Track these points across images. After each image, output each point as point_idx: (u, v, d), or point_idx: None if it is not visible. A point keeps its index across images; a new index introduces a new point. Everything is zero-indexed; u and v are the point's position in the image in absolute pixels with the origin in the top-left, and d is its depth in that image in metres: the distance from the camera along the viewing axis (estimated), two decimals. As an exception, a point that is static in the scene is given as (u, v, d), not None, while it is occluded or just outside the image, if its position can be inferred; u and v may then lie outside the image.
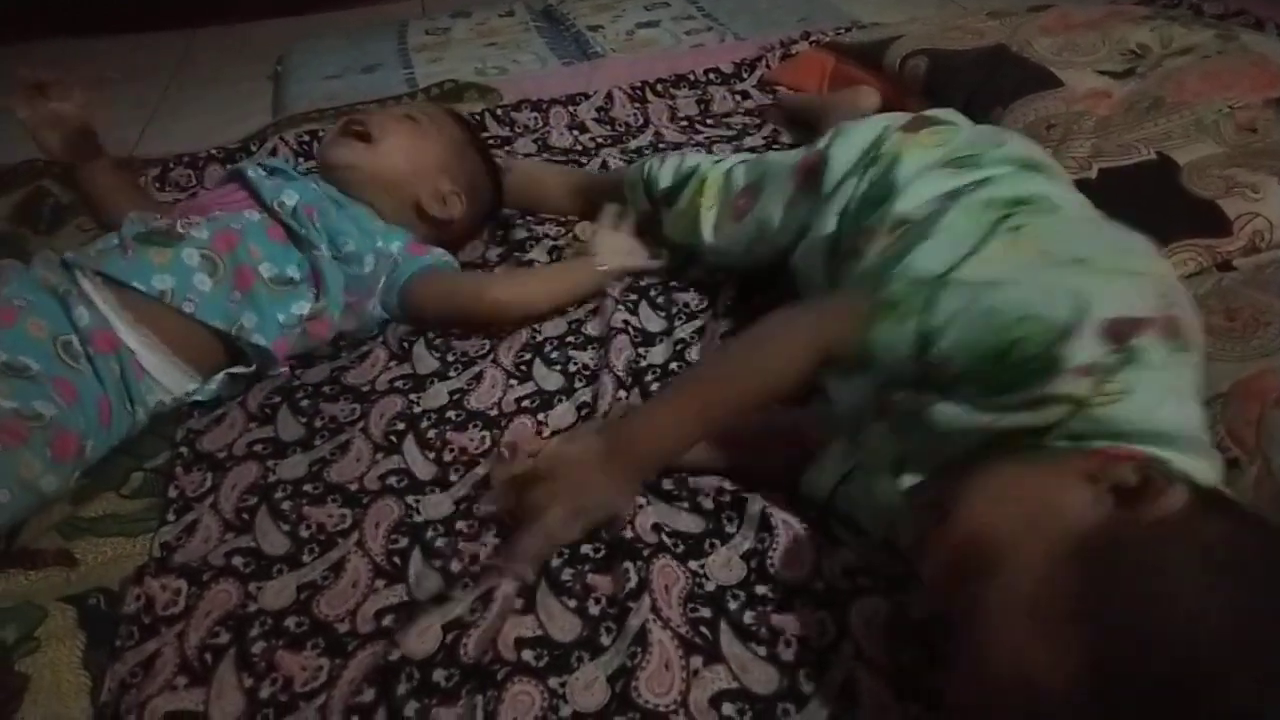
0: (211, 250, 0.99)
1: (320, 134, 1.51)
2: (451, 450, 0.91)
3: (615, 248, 1.16)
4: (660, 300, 1.11)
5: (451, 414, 0.96)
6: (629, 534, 0.77)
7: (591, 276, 1.13)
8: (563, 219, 1.29)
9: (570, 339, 1.06)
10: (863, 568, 0.75)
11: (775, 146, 1.46)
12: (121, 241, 0.99)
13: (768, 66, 1.76)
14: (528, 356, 1.03)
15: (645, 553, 0.75)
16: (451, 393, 0.99)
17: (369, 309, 1.09)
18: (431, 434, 0.93)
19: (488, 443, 0.92)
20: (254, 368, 1.03)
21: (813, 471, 0.80)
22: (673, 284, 1.14)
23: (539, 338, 1.06)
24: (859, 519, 0.77)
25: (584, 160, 1.45)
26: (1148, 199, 1.05)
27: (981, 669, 0.52)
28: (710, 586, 0.75)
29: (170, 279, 0.96)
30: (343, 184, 1.11)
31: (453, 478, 0.88)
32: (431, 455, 0.91)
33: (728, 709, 0.66)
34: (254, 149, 1.52)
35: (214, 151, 1.52)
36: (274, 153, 1.49)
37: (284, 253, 1.03)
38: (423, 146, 1.16)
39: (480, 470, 0.88)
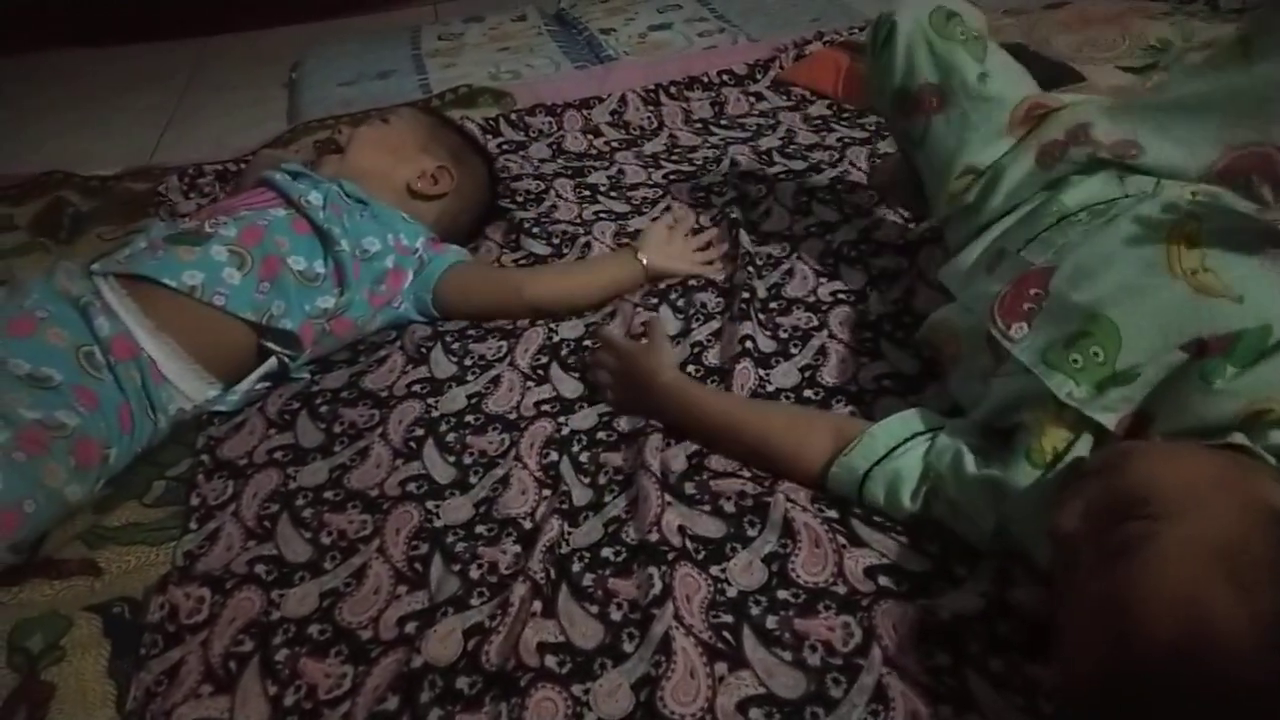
0: (239, 245, 1.00)
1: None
2: (471, 454, 0.91)
3: (663, 247, 1.15)
4: (679, 302, 1.11)
5: (470, 418, 0.96)
6: (654, 536, 0.77)
7: (632, 271, 1.12)
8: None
9: (588, 342, 1.05)
10: (886, 568, 0.75)
11: (790, 148, 1.45)
12: (150, 243, 1.00)
13: (781, 67, 1.75)
14: (544, 360, 1.03)
15: (670, 556, 0.75)
16: (469, 396, 0.99)
17: (397, 308, 1.10)
18: (451, 438, 0.93)
19: (507, 445, 0.92)
20: (276, 368, 1.03)
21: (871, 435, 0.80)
22: (690, 283, 1.13)
23: (555, 339, 1.06)
24: (898, 495, 0.77)
25: (598, 164, 1.45)
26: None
27: (1136, 600, 0.53)
28: (732, 592, 0.74)
29: (200, 274, 0.97)
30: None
31: (472, 480, 0.88)
32: (451, 459, 0.91)
33: (755, 714, 0.65)
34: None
35: (233, 166, 1.53)
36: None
37: (310, 247, 1.04)
38: (393, 135, 1.20)
39: (499, 471, 0.88)
